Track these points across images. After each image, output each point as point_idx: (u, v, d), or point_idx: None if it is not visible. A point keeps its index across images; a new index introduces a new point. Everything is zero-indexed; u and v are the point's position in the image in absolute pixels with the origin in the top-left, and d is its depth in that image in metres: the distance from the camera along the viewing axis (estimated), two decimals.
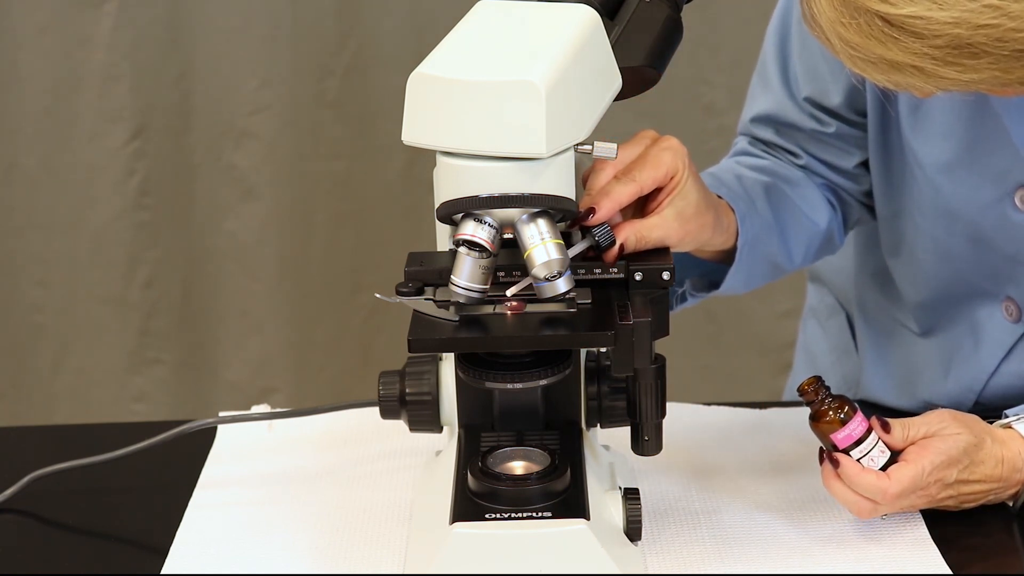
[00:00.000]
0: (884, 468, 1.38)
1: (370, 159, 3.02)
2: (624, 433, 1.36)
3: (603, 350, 1.40)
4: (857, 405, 1.39)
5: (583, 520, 1.26)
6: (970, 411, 1.46)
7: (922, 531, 1.42)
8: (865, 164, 1.64)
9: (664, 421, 1.32)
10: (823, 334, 1.89)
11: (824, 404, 1.39)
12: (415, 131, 1.24)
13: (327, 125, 3.00)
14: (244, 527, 1.46)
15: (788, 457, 1.56)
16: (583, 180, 1.38)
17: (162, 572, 1.39)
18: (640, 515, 1.32)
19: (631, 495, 1.33)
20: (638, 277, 1.31)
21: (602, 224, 1.32)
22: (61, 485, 1.53)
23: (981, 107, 1.48)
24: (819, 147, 1.64)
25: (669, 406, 1.34)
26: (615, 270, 1.32)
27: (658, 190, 1.39)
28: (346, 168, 3.03)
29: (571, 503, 1.29)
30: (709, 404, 1.69)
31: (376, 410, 1.43)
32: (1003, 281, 1.57)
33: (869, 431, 1.38)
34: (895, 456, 1.39)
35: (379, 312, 3.11)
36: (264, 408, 1.64)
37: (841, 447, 1.38)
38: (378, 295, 1.32)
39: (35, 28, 2.91)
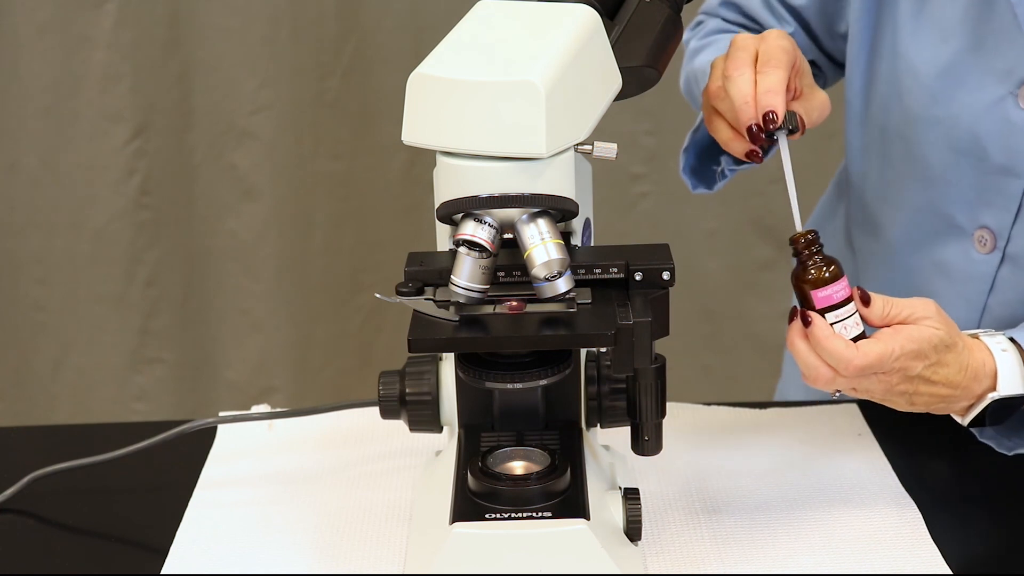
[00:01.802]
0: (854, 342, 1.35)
1: (370, 159, 3.02)
2: (624, 433, 1.36)
3: (603, 350, 1.40)
4: (844, 272, 1.36)
5: (583, 520, 1.26)
6: None
7: (922, 531, 1.42)
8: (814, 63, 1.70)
9: (664, 421, 1.32)
10: None
11: (812, 259, 1.35)
12: (415, 131, 1.24)
13: (327, 125, 3.00)
14: (244, 527, 1.46)
15: (788, 457, 1.57)
16: (707, 97, 1.43)
17: (162, 572, 1.39)
18: (640, 515, 1.32)
19: (631, 495, 1.33)
20: (638, 277, 1.31)
21: (789, 113, 1.36)
22: (61, 485, 1.53)
23: (989, 4, 1.49)
24: None
25: (669, 406, 1.34)
26: (615, 270, 1.32)
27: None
28: (346, 168, 3.03)
29: (571, 503, 1.29)
30: (709, 404, 1.69)
31: (376, 410, 1.43)
32: (980, 206, 1.56)
33: (849, 299, 1.35)
34: (866, 335, 1.35)
35: (379, 312, 3.11)
36: (264, 408, 1.64)
37: (818, 307, 1.34)
38: (378, 295, 1.32)
39: (35, 28, 2.91)
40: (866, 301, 1.36)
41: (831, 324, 1.34)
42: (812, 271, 1.35)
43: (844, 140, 1.69)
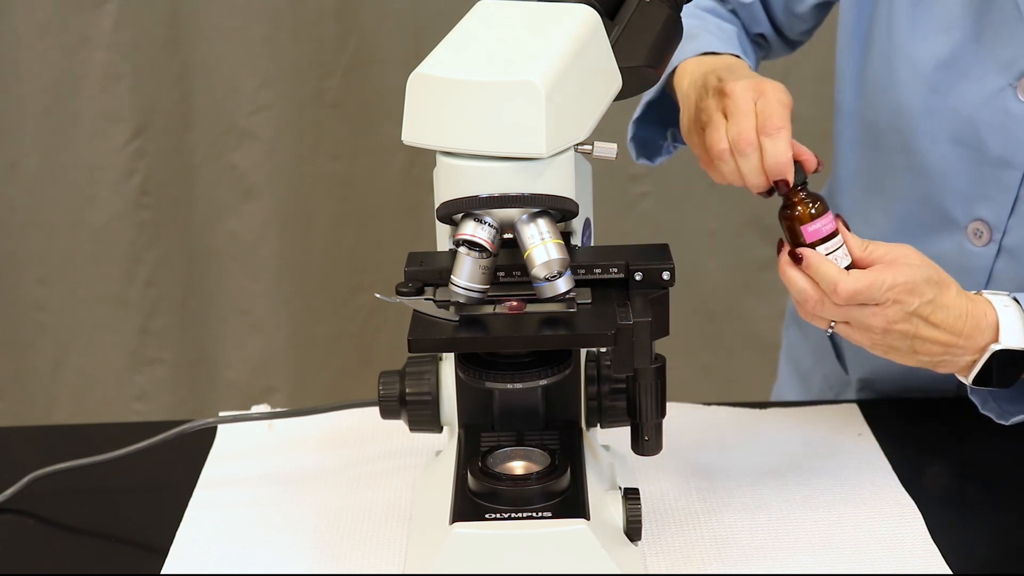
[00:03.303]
0: None
1: (370, 159, 3.02)
2: (624, 433, 1.36)
3: (603, 350, 1.40)
4: (828, 207, 1.38)
5: (583, 520, 1.26)
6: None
7: (922, 531, 1.42)
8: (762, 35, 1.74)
9: (664, 421, 1.32)
10: (803, 338, 1.90)
11: (798, 195, 1.37)
12: (415, 131, 1.24)
13: (327, 125, 3.00)
14: (244, 527, 1.46)
15: (788, 457, 1.57)
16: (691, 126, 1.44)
17: (162, 572, 1.39)
18: (640, 515, 1.33)
19: (631, 495, 1.33)
20: (638, 277, 1.31)
21: (796, 168, 1.37)
22: (61, 485, 1.53)
23: None
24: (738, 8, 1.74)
25: (669, 406, 1.34)
26: (615, 270, 1.32)
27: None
28: (346, 168, 3.03)
29: (571, 503, 1.29)
30: (709, 404, 1.69)
31: (376, 410, 1.43)
32: (976, 199, 1.56)
33: (835, 233, 1.36)
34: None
35: (379, 312, 3.11)
36: (264, 408, 1.64)
37: (808, 240, 1.36)
38: (378, 295, 1.32)
39: (35, 28, 2.91)
40: (848, 229, 1.38)
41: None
42: (799, 207, 1.36)
43: (833, 133, 1.69)
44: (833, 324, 1.37)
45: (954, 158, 1.55)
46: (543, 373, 1.30)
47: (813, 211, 1.36)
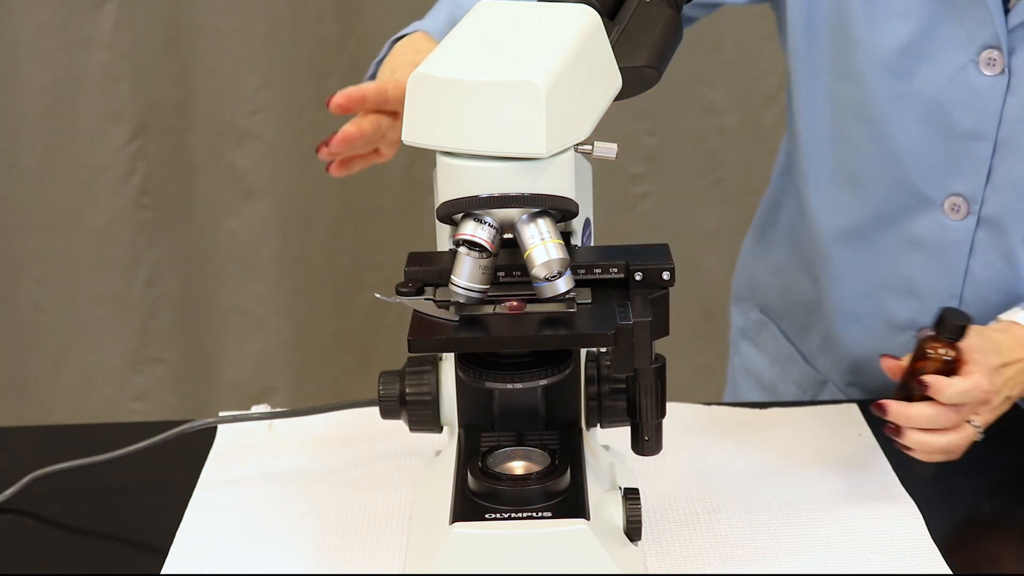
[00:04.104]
0: None
1: None
2: (624, 433, 1.36)
3: (603, 350, 1.40)
4: None
5: (583, 520, 1.26)
6: None
7: (922, 531, 1.42)
8: None
9: (664, 421, 1.32)
10: (758, 351, 1.90)
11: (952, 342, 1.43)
12: (415, 131, 1.24)
13: (327, 125, 3.00)
14: (244, 527, 1.47)
15: (788, 457, 1.57)
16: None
17: (162, 572, 1.39)
18: (640, 515, 1.32)
19: (631, 495, 1.33)
20: (638, 277, 1.31)
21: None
22: (61, 485, 1.53)
23: None
24: None
25: (669, 406, 1.34)
26: (615, 270, 1.32)
27: None
28: None
29: (571, 503, 1.29)
30: (709, 404, 1.69)
31: (376, 410, 1.43)
32: (950, 174, 1.58)
33: None
34: None
35: (379, 312, 3.11)
36: (264, 408, 1.64)
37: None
38: (378, 295, 1.32)
39: (35, 28, 2.91)
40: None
41: None
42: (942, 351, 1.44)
43: (795, 134, 1.68)
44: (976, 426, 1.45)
45: (924, 138, 1.57)
46: (543, 373, 1.30)
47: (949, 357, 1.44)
